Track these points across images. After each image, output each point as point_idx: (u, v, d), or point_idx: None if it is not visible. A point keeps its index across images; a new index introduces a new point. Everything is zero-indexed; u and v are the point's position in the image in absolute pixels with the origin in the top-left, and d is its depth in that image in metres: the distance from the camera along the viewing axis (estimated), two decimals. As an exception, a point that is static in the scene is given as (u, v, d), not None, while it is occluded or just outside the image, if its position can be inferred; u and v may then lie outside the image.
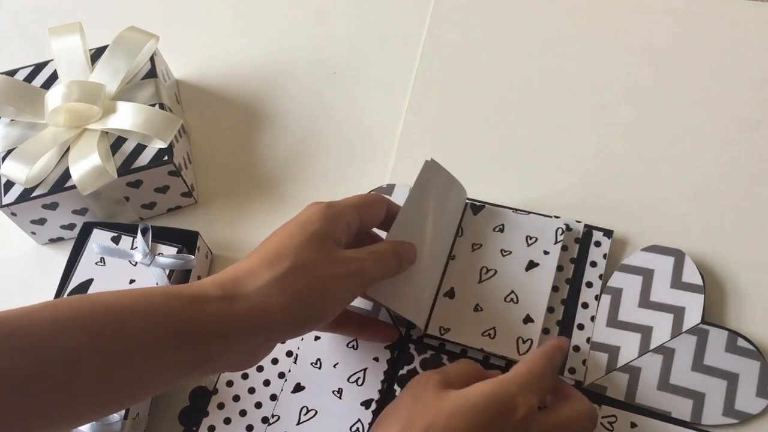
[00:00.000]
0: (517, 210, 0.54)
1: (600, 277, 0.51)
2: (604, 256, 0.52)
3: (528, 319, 0.49)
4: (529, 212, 0.54)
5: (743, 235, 0.53)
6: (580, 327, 0.50)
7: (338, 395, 0.49)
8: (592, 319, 0.50)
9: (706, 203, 0.54)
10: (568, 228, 0.52)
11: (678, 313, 0.49)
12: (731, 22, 0.62)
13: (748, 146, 0.56)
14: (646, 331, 0.49)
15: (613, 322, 0.49)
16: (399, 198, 0.56)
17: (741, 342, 0.47)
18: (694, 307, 0.49)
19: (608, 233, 0.53)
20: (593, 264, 0.52)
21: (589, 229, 0.53)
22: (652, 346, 0.48)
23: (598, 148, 0.58)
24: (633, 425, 0.46)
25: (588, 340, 0.49)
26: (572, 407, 0.42)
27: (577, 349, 0.49)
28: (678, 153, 0.57)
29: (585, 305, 0.50)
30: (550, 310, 0.50)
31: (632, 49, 0.62)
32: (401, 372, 0.50)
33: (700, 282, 0.50)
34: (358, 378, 0.50)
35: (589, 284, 0.51)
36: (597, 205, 0.55)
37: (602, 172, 0.57)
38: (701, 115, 0.58)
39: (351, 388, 0.49)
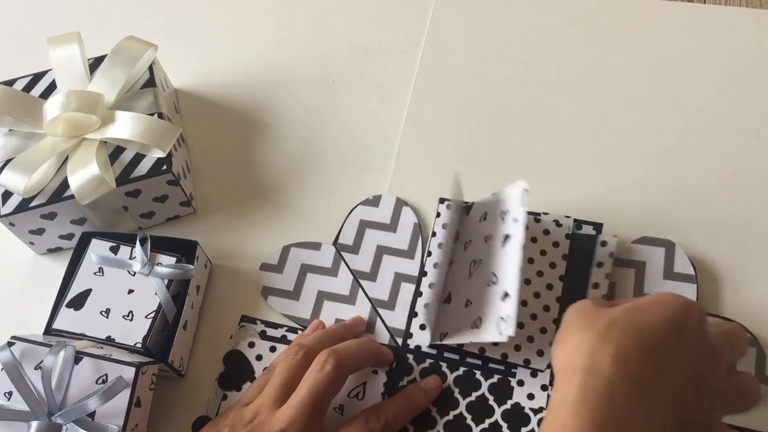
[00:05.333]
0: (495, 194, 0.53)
1: (607, 276, 0.51)
2: (610, 254, 0.51)
3: (505, 296, 0.47)
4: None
5: (731, 227, 0.53)
6: None
7: (339, 411, 0.49)
8: None
9: (704, 204, 0.55)
10: (558, 224, 0.52)
11: None
12: (731, 29, 0.62)
13: (747, 152, 0.56)
14: None
15: None
16: (386, 208, 0.57)
17: None
18: (688, 296, 0.48)
19: (598, 227, 0.53)
20: (599, 264, 0.51)
21: (578, 224, 0.53)
22: None
23: (598, 154, 0.58)
24: None
25: None
26: (723, 324, 0.44)
27: None
28: (676, 157, 0.57)
29: None
30: (546, 308, 0.50)
31: (632, 57, 0.62)
32: (401, 383, 0.49)
33: (692, 271, 0.50)
34: (358, 392, 0.49)
35: (596, 285, 0.51)
36: (595, 207, 0.55)
37: (604, 177, 0.57)
38: (700, 121, 0.58)
39: (352, 403, 0.49)
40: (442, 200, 0.56)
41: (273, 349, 0.52)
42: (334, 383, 0.45)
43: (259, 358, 0.52)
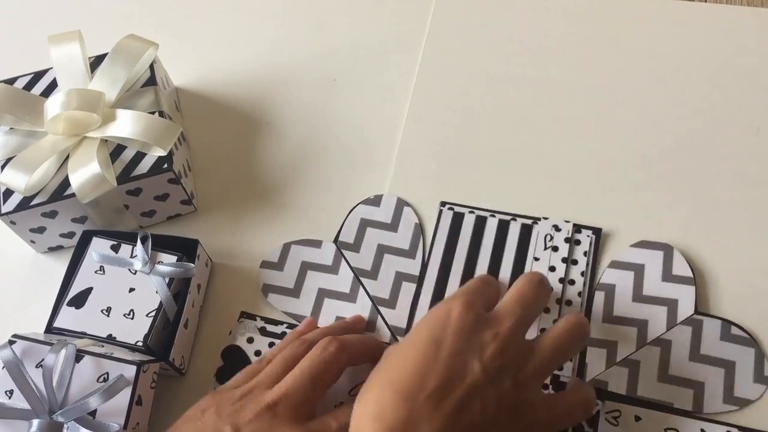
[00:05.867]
0: (509, 215, 0.55)
1: (582, 274, 0.51)
2: (585, 253, 0.52)
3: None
4: (515, 215, 0.55)
5: (730, 228, 0.53)
6: None
7: None
8: None
9: (704, 205, 0.54)
10: (557, 228, 0.53)
11: (671, 305, 0.50)
12: (731, 28, 0.62)
13: (747, 152, 0.56)
14: (642, 325, 0.49)
15: (609, 317, 0.50)
16: (387, 208, 0.57)
17: (734, 330, 0.48)
18: (686, 298, 0.50)
19: (596, 231, 0.53)
20: (574, 262, 0.52)
21: (577, 228, 0.53)
22: (649, 339, 0.49)
23: (598, 154, 0.58)
24: (637, 418, 0.46)
25: None
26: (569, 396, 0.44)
27: None
28: (676, 158, 0.57)
29: (569, 302, 0.51)
30: (546, 310, 0.50)
31: (632, 56, 0.62)
32: None
33: (690, 274, 0.51)
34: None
35: (572, 282, 0.51)
36: (594, 208, 0.55)
37: (604, 177, 0.57)
38: (700, 121, 0.58)
39: (352, 402, 0.49)
40: (443, 204, 0.56)
41: (272, 345, 0.52)
42: (335, 365, 0.45)
43: (257, 353, 0.52)
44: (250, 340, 0.52)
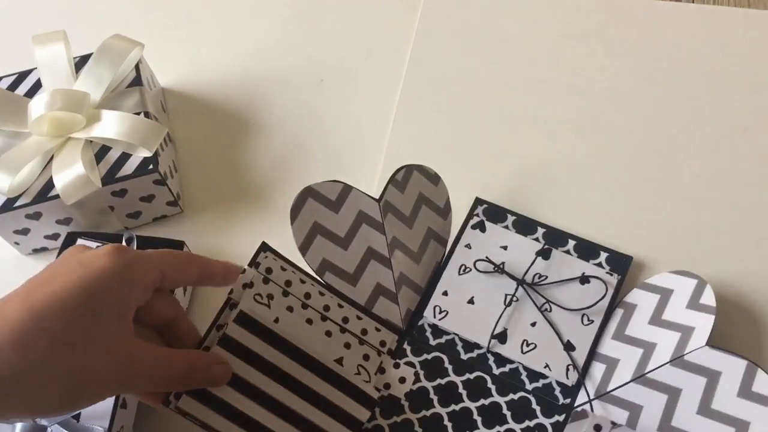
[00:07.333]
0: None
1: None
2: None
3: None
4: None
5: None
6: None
7: None
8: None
9: (691, 210, 0.55)
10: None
11: (686, 332, 0.47)
12: (720, 30, 0.62)
13: (736, 153, 0.57)
14: (648, 347, 0.47)
15: (620, 336, 0.49)
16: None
17: (758, 385, 0.44)
18: (702, 328, 0.46)
19: (627, 260, 0.51)
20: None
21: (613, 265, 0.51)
22: (651, 364, 0.46)
23: (586, 154, 0.58)
24: None
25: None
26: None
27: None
28: (664, 160, 0.57)
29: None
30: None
31: (621, 58, 0.62)
32: None
33: (713, 304, 0.47)
34: None
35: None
36: (591, 210, 0.55)
37: (584, 176, 0.57)
38: (689, 122, 0.58)
39: None
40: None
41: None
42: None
43: None
44: None
